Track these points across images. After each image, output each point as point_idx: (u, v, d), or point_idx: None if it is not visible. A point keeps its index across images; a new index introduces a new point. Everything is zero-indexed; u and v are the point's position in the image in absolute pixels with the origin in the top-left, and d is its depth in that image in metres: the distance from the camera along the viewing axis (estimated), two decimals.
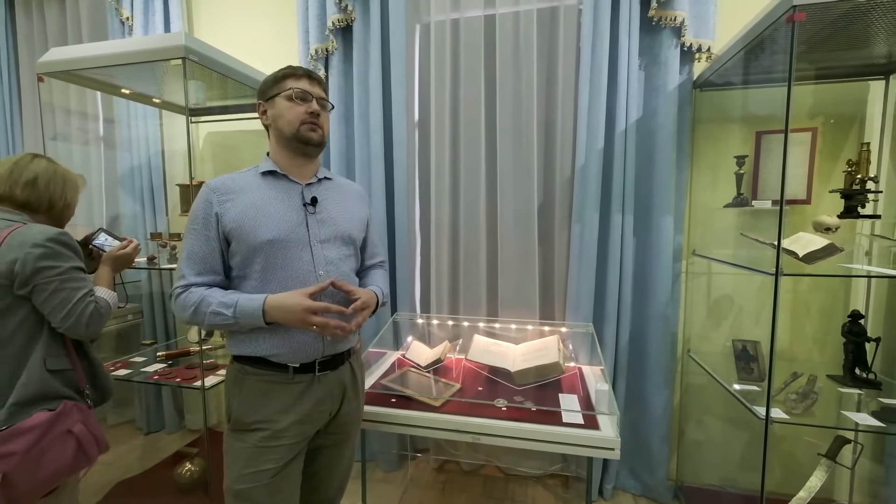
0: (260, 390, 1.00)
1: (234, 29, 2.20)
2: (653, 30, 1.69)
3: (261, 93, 1.05)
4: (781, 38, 1.26)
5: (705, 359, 1.75)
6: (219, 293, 0.96)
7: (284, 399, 1.00)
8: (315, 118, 1.02)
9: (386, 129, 1.94)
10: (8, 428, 0.99)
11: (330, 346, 1.03)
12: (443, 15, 1.86)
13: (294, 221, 1.01)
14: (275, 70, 1.06)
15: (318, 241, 1.03)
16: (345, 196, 1.13)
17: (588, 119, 1.71)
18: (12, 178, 1.11)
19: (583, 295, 1.77)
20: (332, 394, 1.06)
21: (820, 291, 1.71)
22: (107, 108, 2.32)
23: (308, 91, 1.02)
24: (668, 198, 1.71)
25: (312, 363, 1.02)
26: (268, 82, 1.04)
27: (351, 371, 1.11)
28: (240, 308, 0.94)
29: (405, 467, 2.09)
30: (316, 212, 1.04)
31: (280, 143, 1.05)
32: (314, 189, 1.07)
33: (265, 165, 1.05)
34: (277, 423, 0.98)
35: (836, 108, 1.64)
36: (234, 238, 0.97)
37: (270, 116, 1.04)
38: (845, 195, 1.44)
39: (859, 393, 1.40)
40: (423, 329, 1.98)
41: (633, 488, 1.89)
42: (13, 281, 1.01)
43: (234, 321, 0.94)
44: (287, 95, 1.00)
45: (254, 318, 0.94)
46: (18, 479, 0.98)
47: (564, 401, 1.38)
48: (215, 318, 0.94)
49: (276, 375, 1.00)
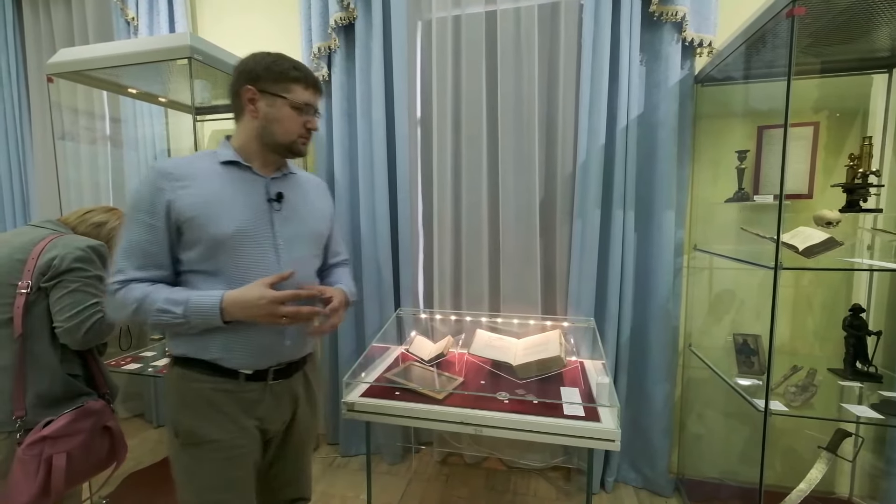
0: (208, 400, 0.91)
1: (237, 27, 2.22)
2: (654, 25, 1.69)
3: (254, 77, 0.92)
4: (782, 33, 1.26)
5: (706, 353, 1.76)
6: (165, 289, 0.87)
7: (235, 409, 0.92)
8: (310, 133, 0.98)
9: (388, 126, 1.96)
10: (79, 408, 1.08)
11: (290, 350, 0.97)
12: (444, 11, 1.86)
13: (257, 218, 0.93)
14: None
15: (282, 239, 0.95)
16: (310, 191, 1.07)
17: (589, 114, 1.72)
18: (85, 217, 1.25)
19: (584, 290, 1.79)
20: (284, 404, 1.00)
21: (821, 286, 1.71)
22: (113, 108, 2.35)
23: (312, 104, 0.97)
24: (670, 193, 1.71)
25: (266, 371, 0.95)
26: (269, 71, 0.92)
27: (304, 380, 1.05)
28: (192, 305, 0.84)
29: (409, 460, 2.12)
30: (281, 208, 0.97)
31: (258, 138, 0.95)
32: (279, 184, 0.98)
33: (226, 153, 0.94)
34: (231, 435, 0.91)
35: (839, 102, 1.63)
36: (188, 229, 0.87)
37: (263, 113, 0.93)
38: (847, 189, 1.44)
39: (860, 386, 1.40)
40: (426, 324, 2.01)
41: (634, 481, 1.90)
42: (45, 273, 1.06)
43: (185, 320, 0.84)
44: (294, 105, 0.93)
45: (209, 317, 0.85)
46: (77, 458, 1.06)
47: (566, 394, 1.40)
48: (161, 316, 0.84)
49: (224, 382, 0.92)
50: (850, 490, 1.72)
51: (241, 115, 0.95)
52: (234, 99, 0.96)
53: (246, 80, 0.93)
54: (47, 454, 1.01)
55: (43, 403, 1.07)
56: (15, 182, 2.55)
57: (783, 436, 1.75)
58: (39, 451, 1.00)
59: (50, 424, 1.04)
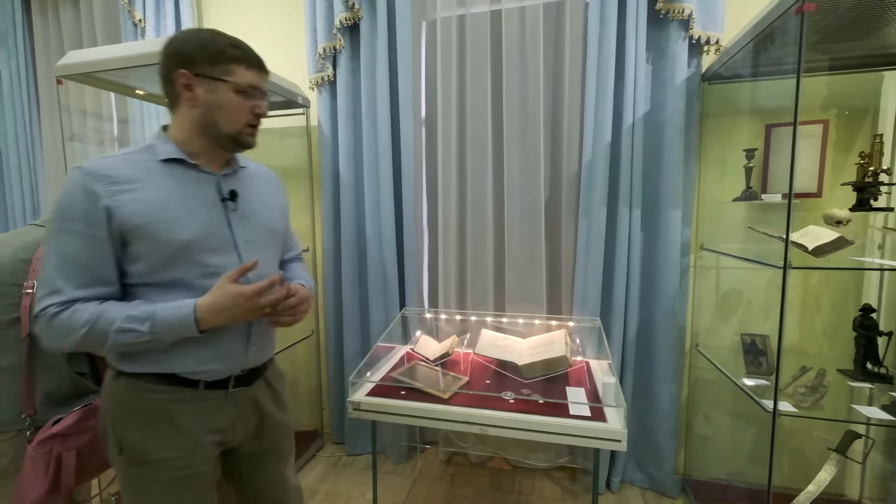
0: (162, 412, 0.83)
1: (242, 28, 2.23)
2: (660, 23, 1.67)
3: (187, 59, 0.81)
4: (791, 30, 1.25)
5: (713, 353, 1.74)
6: (121, 306, 0.77)
7: (192, 421, 0.85)
8: (259, 120, 0.88)
9: (393, 126, 1.96)
10: (87, 406, 1.06)
11: (254, 356, 0.92)
12: (449, 11, 1.86)
13: (214, 220, 0.85)
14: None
15: (244, 241, 0.88)
16: (263, 186, 0.99)
17: (595, 113, 1.71)
18: None
19: (590, 289, 1.78)
20: (246, 413, 0.93)
21: (831, 285, 1.69)
22: (121, 109, 2.37)
23: (258, 86, 0.86)
24: (676, 192, 1.70)
25: (227, 378, 0.89)
26: (204, 52, 0.81)
27: (267, 387, 0.99)
28: (160, 320, 0.76)
29: (414, 459, 2.13)
30: (237, 207, 0.89)
31: (200, 130, 0.85)
32: (231, 181, 0.90)
33: (166, 150, 0.84)
34: (181, 453, 0.84)
35: (849, 99, 1.61)
36: (135, 239, 0.78)
37: (202, 100, 0.82)
38: (857, 188, 1.42)
39: (870, 387, 1.39)
40: (431, 324, 2.01)
41: (640, 482, 1.89)
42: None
43: (152, 337, 0.76)
44: (237, 88, 0.83)
45: (182, 329, 0.78)
46: (86, 455, 1.05)
47: (571, 394, 1.39)
48: (123, 336, 0.75)
49: (182, 392, 0.84)
50: (860, 492, 1.70)
51: (178, 105, 0.85)
52: (165, 86, 0.84)
53: (178, 64, 0.81)
54: (57, 452, 1.02)
55: (52, 402, 1.08)
56: (25, 184, 2.58)
57: (792, 437, 1.73)
58: (49, 449, 1.01)
59: (59, 422, 1.05)
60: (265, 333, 0.95)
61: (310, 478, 2.00)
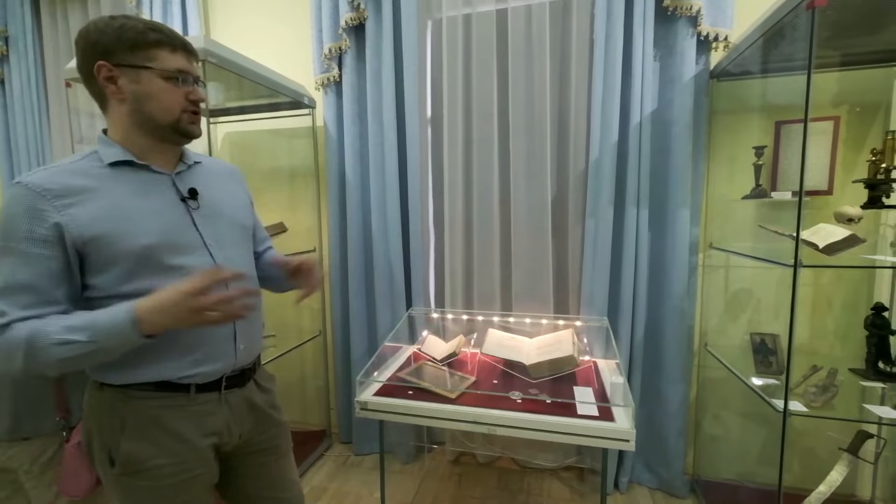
0: (154, 419, 0.80)
1: (248, 29, 2.24)
2: (668, 19, 1.66)
3: (103, 50, 0.75)
4: (802, 26, 1.23)
5: (722, 352, 1.73)
6: (59, 318, 0.71)
7: (186, 426, 0.82)
8: (197, 106, 0.82)
9: (399, 126, 1.96)
10: None
11: (243, 355, 0.89)
12: (454, 10, 1.86)
13: (177, 222, 0.80)
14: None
15: (213, 241, 0.84)
16: (224, 180, 0.95)
17: (602, 112, 1.70)
18: None
19: (597, 289, 1.77)
20: (241, 414, 0.91)
21: (842, 284, 1.67)
22: None
23: (188, 71, 0.80)
24: (684, 190, 1.69)
25: (219, 380, 0.86)
26: (121, 39, 0.75)
27: (257, 387, 0.97)
28: (100, 327, 0.70)
29: (422, 459, 2.13)
30: (199, 206, 0.84)
31: (136, 125, 0.79)
32: (187, 178, 0.86)
33: (112, 153, 0.78)
34: (177, 458, 0.81)
35: (860, 95, 1.59)
36: (94, 251, 0.73)
37: (128, 91, 0.76)
38: (869, 185, 1.40)
39: (882, 387, 1.37)
40: (438, 324, 2.01)
41: (649, 482, 1.89)
42: None
43: (95, 346, 0.70)
44: (164, 75, 0.77)
45: (123, 335, 0.70)
46: None
47: (579, 393, 1.39)
48: (61, 349, 0.68)
49: (174, 398, 0.81)
50: (872, 493, 1.68)
51: (106, 102, 0.79)
52: (88, 83, 0.78)
53: (96, 56, 0.75)
54: None
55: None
56: None
57: (802, 437, 1.71)
58: None
59: None
60: (251, 329, 0.92)
61: (318, 477, 2.01)
